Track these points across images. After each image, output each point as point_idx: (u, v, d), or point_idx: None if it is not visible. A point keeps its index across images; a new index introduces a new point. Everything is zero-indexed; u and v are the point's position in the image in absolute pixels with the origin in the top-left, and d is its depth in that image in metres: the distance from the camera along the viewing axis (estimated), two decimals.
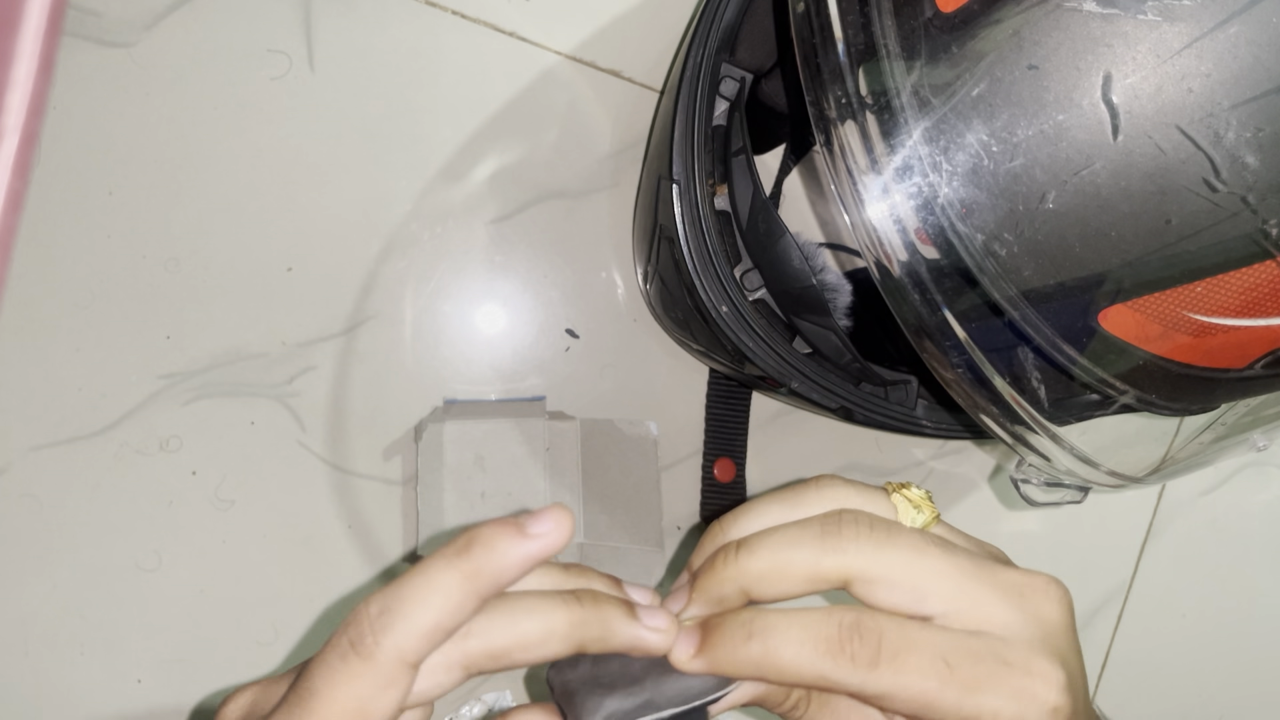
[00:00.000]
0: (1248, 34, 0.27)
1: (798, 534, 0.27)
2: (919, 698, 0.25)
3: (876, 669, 0.25)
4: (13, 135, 0.29)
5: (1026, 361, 0.33)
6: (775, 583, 0.27)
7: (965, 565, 0.27)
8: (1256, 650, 0.61)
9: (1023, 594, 0.27)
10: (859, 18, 0.31)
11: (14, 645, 0.47)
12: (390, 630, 0.24)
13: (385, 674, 0.24)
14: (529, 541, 0.25)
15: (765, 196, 0.42)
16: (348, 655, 0.24)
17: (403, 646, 0.24)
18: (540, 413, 0.48)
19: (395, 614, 0.24)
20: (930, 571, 0.26)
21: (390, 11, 0.48)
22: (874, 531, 0.27)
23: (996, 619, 0.26)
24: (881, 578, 0.26)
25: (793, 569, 0.27)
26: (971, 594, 0.26)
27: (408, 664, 0.24)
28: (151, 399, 0.48)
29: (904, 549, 0.26)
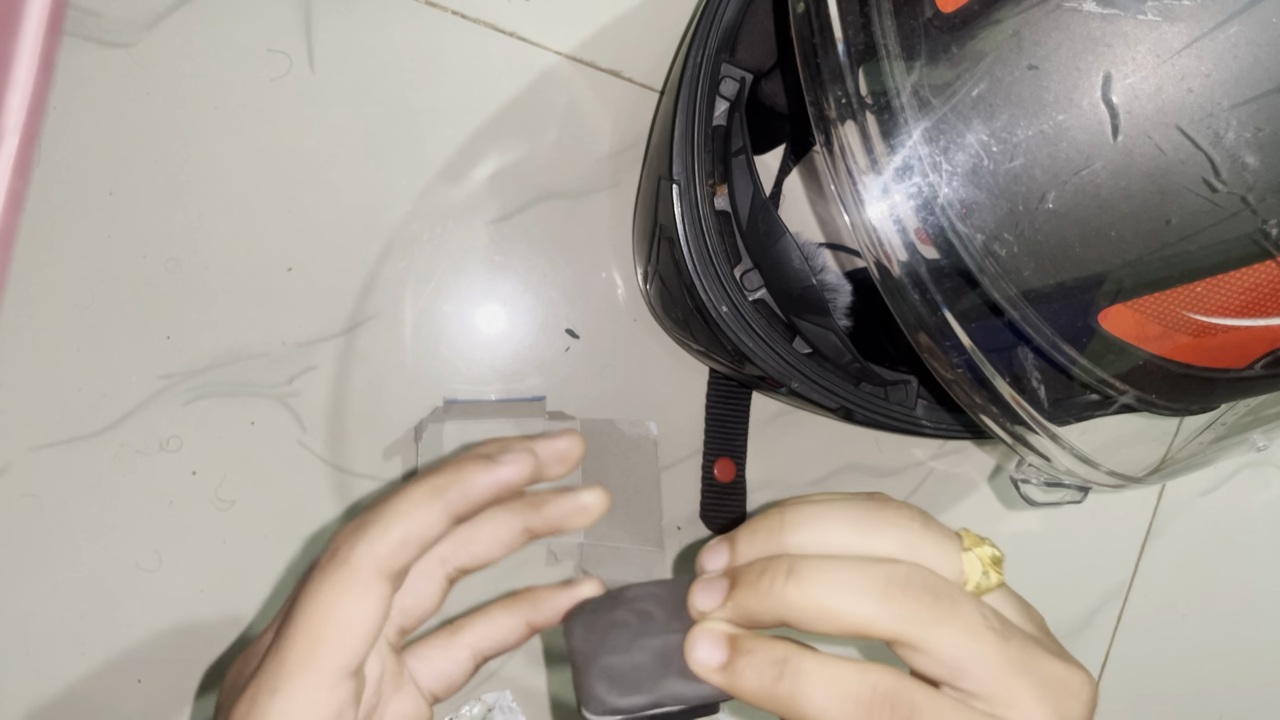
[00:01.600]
0: (1248, 34, 0.27)
1: (858, 582, 0.25)
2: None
3: None
4: (13, 135, 0.29)
5: (1026, 361, 0.33)
6: (820, 624, 0.26)
7: (1014, 656, 0.26)
8: (1256, 650, 0.61)
9: (1057, 693, 0.27)
10: (859, 18, 0.31)
11: (14, 645, 0.47)
12: (365, 539, 0.26)
13: (361, 579, 0.25)
14: (496, 468, 0.27)
15: (765, 196, 0.42)
16: (326, 566, 0.26)
17: (377, 553, 0.26)
18: (540, 413, 0.48)
19: (371, 525, 0.26)
20: (978, 658, 0.26)
21: (390, 11, 0.48)
22: (938, 603, 0.25)
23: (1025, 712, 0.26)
24: (930, 652, 0.25)
25: (843, 619, 0.25)
26: (1009, 685, 0.26)
27: (382, 571, 0.26)
28: (151, 399, 0.48)
29: (961, 631, 0.25)
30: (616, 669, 0.27)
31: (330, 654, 0.25)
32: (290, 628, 0.26)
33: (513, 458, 0.28)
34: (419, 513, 0.26)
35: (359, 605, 0.25)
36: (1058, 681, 0.26)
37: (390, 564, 0.26)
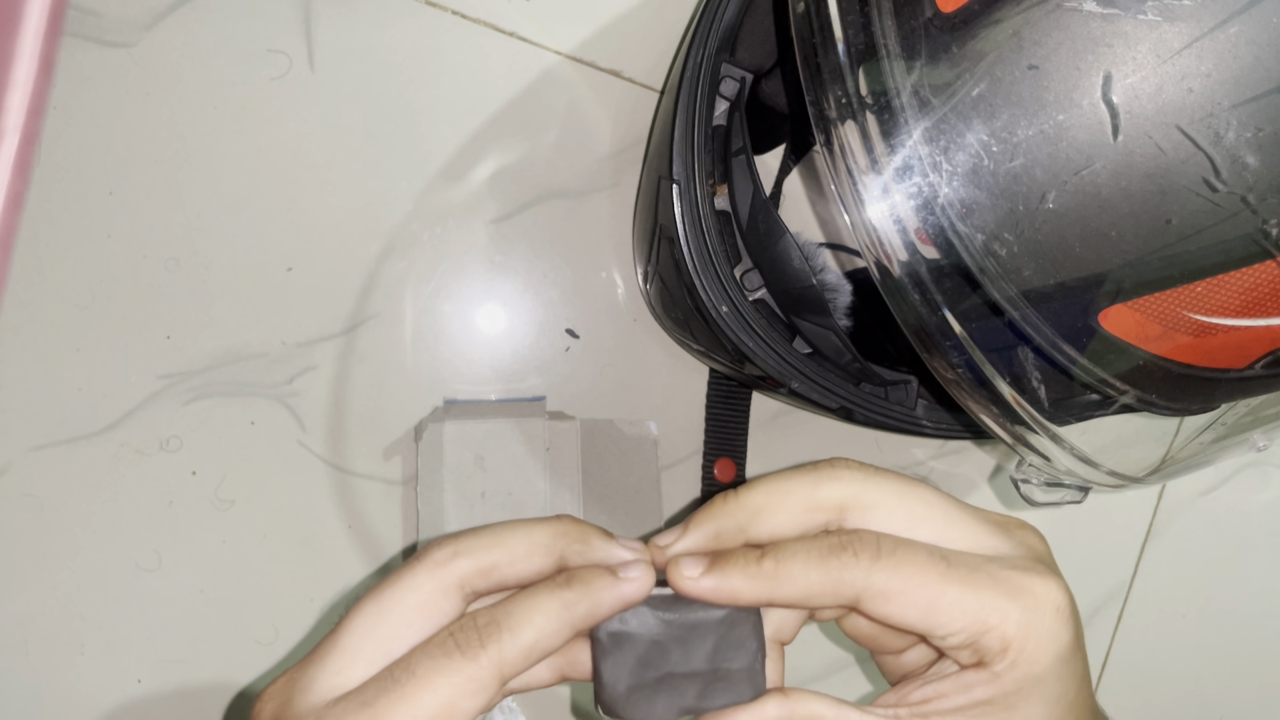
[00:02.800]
0: (1248, 34, 0.27)
1: (792, 471, 0.29)
2: (922, 591, 0.27)
3: (879, 562, 0.27)
4: (13, 135, 0.29)
5: (1026, 361, 0.33)
6: (773, 512, 0.28)
7: (953, 501, 0.29)
8: (1257, 650, 0.61)
9: (1008, 528, 0.29)
10: (859, 18, 0.31)
11: (14, 645, 0.47)
12: (496, 640, 0.26)
13: (480, 679, 0.26)
14: (621, 585, 0.28)
15: (765, 196, 0.42)
16: (452, 653, 0.26)
17: (505, 657, 0.26)
18: (540, 413, 0.48)
19: (502, 627, 0.26)
20: (920, 501, 0.28)
21: (390, 11, 0.48)
22: (865, 468, 0.28)
23: (987, 544, 0.28)
24: (876, 504, 0.28)
25: (790, 498, 0.28)
26: (961, 523, 0.28)
27: (502, 676, 0.26)
28: (151, 399, 0.48)
29: (894, 480, 0.28)
30: (643, 695, 0.28)
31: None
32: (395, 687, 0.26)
33: (638, 573, 0.28)
34: (549, 626, 0.27)
35: (469, 702, 0.26)
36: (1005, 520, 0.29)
37: (511, 671, 0.26)
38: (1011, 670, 0.27)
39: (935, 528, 0.28)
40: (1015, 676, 0.27)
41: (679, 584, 0.28)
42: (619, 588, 0.28)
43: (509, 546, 0.28)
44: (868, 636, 0.32)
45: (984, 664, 0.27)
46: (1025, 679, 0.27)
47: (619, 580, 0.28)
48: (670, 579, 0.28)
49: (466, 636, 0.26)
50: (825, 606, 0.28)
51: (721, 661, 0.28)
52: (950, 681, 0.28)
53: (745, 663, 0.28)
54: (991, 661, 0.27)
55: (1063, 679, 0.28)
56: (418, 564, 0.27)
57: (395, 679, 0.26)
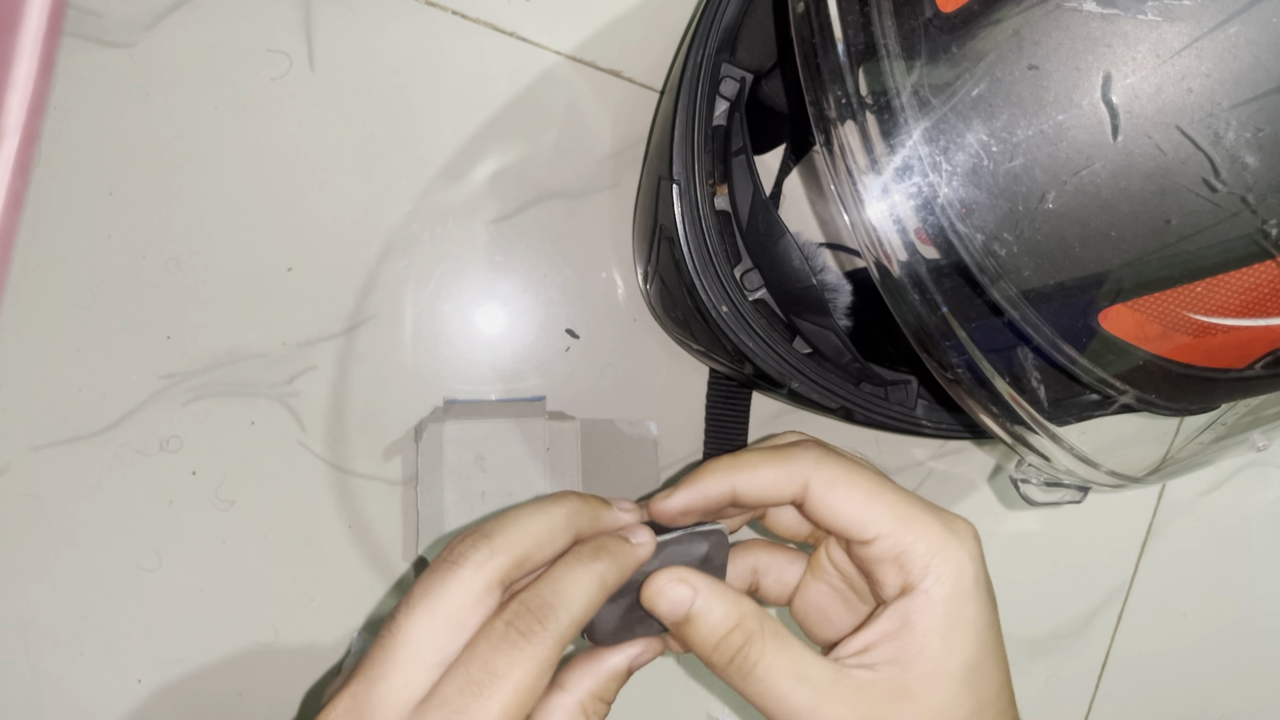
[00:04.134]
0: (1248, 34, 0.27)
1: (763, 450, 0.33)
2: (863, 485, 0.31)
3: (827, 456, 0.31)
4: (13, 135, 0.29)
5: (1026, 361, 0.33)
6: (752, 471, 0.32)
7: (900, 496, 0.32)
8: (1257, 650, 0.61)
9: (946, 524, 0.32)
10: (859, 18, 0.31)
11: (14, 645, 0.47)
12: (555, 619, 0.28)
13: (548, 658, 0.28)
14: (637, 549, 0.31)
15: (765, 196, 0.42)
16: (518, 641, 0.27)
17: (563, 634, 0.28)
18: (540, 413, 0.48)
19: (555, 606, 0.28)
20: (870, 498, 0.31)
21: (390, 11, 0.48)
22: (825, 456, 0.32)
23: (926, 540, 0.31)
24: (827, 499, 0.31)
25: (765, 466, 0.32)
26: (905, 518, 0.31)
27: (562, 651, 0.28)
28: (151, 399, 0.48)
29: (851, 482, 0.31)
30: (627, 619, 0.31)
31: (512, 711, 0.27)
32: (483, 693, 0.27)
33: (645, 537, 0.31)
34: (592, 597, 0.29)
35: (542, 683, 0.28)
36: (944, 516, 0.32)
37: (566, 644, 0.28)
38: (939, 586, 0.30)
39: (878, 522, 0.31)
40: (945, 593, 0.30)
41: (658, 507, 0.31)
42: (635, 552, 0.30)
43: (535, 535, 0.29)
44: (815, 611, 0.35)
45: (910, 585, 0.30)
46: (953, 596, 0.30)
47: (634, 545, 0.30)
48: (650, 509, 0.32)
49: (526, 623, 0.28)
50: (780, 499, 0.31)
51: None
52: (886, 620, 0.30)
53: None
54: (917, 580, 0.30)
55: (982, 607, 0.30)
56: (459, 567, 0.28)
57: (474, 680, 0.27)
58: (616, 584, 0.30)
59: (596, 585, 0.29)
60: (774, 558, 0.35)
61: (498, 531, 0.29)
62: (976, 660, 0.30)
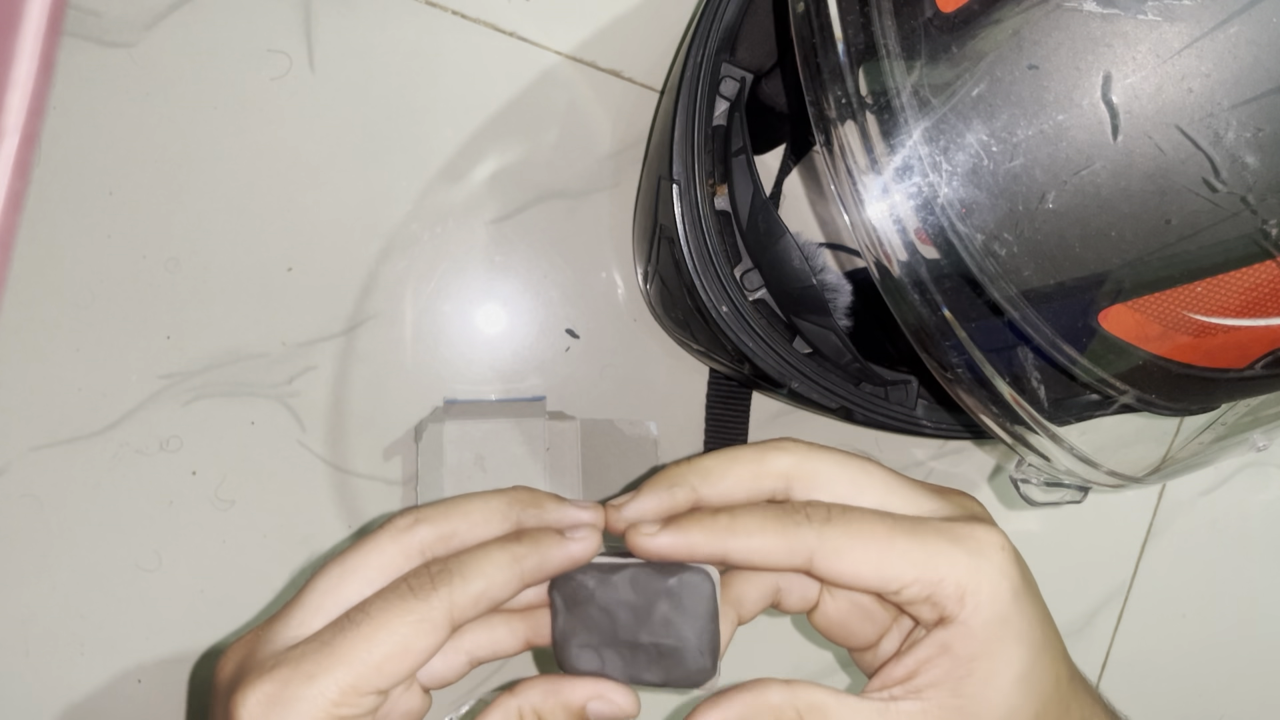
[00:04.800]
0: (1248, 34, 0.27)
1: (741, 445, 0.31)
2: (872, 544, 0.28)
3: (830, 522, 0.28)
4: (13, 135, 0.29)
5: (1026, 361, 0.33)
6: (722, 476, 0.30)
7: (891, 471, 0.30)
8: (1257, 650, 0.61)
9: (945, 494, 0.31)
10: (859, 18, 0.31)
11: (14, 645, 0.47)
12: (448, 584, 0.28)
13: (432, 619, 0.27)
14: (568, 545, 0.29)
15: (765, 196, 0.42)
16: (406, 596, 0.27)
17: (455, 600, 0.28)
18: (540, 413, 0.48)
19: (454, 573, 0.28)
20: (861, 471, 0.30)
21: (390, 11, 0.48)
22: (809, 444, 0.31)
23: (927, 507, 0.30)
24: (820, 473, 0.30)
25: (739, 464, 0.30)
26: (900, 490, 0.30)
27: (452, 617, 0.28)
28: (151, 399, 0.48)
29: (836, 453, 0.30)
30: (590, 653, 0.30)
31: (380, 671, 0.27)
32: (351, 627, 0.27)
33: (584, 534, 0.30)
34: (498, 575, 0.28)
35: (422, 642, 0.27)
36: (942, 489, 0.30)
37: (462, 615, 0.28)
38: (977, 614, 0.28)
39: (878, 494, 0.30)
40: (983, 619, 0.28)
41: (637, 543, 0.29)
42: (566, 546, 0.29)
43: (467, 514, 0.29)
44: (838, 626, 0.33)
45: (947, 618, 0.29)
46: (993, 620, 0.28)
47: (566, 540, 0.29)
48: (629, 541, 0.29)
49: (420, 581, 0.28)
50: (778, 567, 0.29)
51: (667, 637, 0.29)
52: (926, 647, 0.29)
53: (692, 642, 0.29)
54: (954, 612, 0.28)
55: (1027, 618, 0.29)
56: (381, 531, 0.29)
57: (352, 620, 0.27)
58: (537, 574, 0.29)
59: (505, 564, 0.28)
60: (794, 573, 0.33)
61: (431, 505, 0.30)
62: (1028, 667, 0.29)
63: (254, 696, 0.26)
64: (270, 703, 0.26)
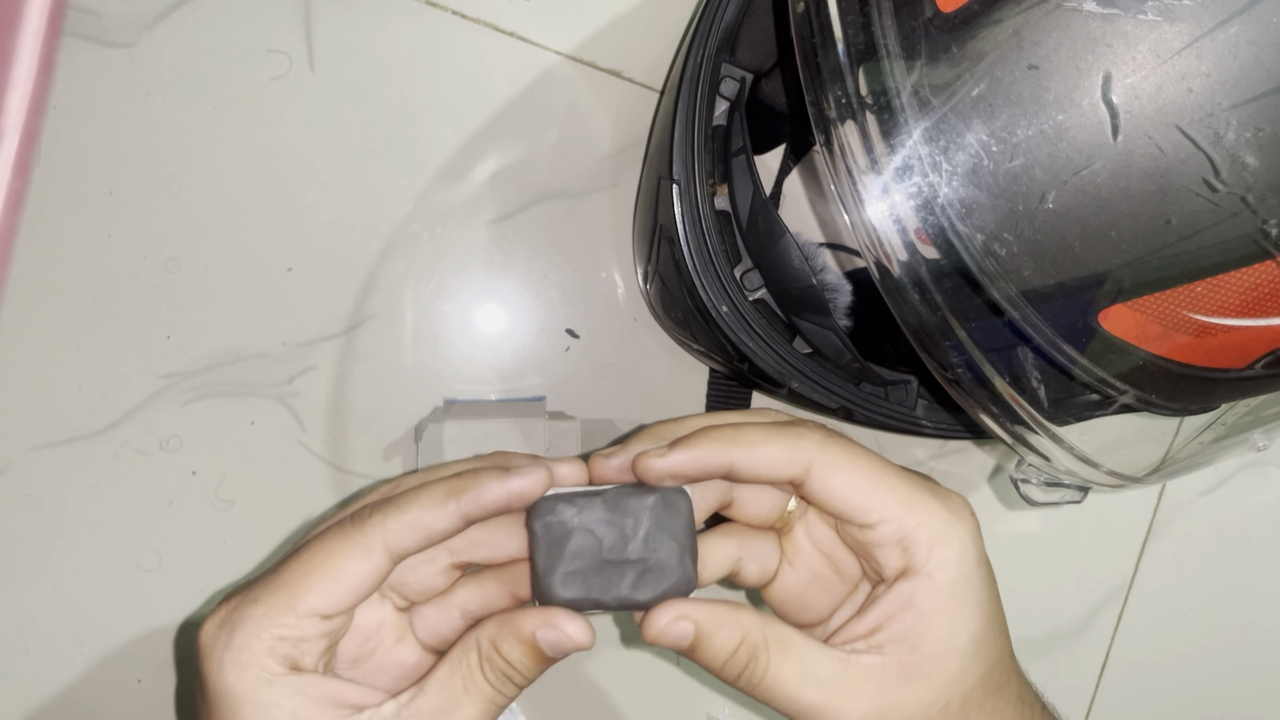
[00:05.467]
0: (1248, 34, 0.27)
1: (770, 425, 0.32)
2: (867, 470, 0.30)
3: (830, 439, 0.31)
4: (13, 135, 0.29)
5: (1026, 361, 0.33)
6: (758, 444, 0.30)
7: (904, 480, 0.31)
8: (1257, 650, 0.61)
9: (950, 507, 0.32)
10: (859, 18, 0.31)
11: (14, 645, 0.47)
12: (383, 512, 0.29)
13: (366, 544, 0.29)
14: (510, 480, 0.30)
15: (765, 196, 0.42)
16: (345, 524, 0.29)
17: (387, 529, 0.29)
18: (540, 413, 0.48)
19: (390, 503, 0.29)
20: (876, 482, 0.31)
21: (390, 11, 0.48)
22: (828, 432, 0.32)
23: (930, 526, 0.31)
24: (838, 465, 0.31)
25: (773, 446, 0.30)
26: (909, 503, 0.31)
27: (387, 547, 0.29)
28: (151, 399, 0.48)
29: (850, 446, 0.31)
30: (576, 579, 0.30)
31: (313, 591, 0.28)
32: (292, 559, 0.29)
33: (528, 470, 0.30)
34: (434, 508, 0.29)
35: (354, 565, 0.29)
36: (947, 498, 0.31)
37: (395, 543, 0.29)
38: (944, 569, 0.30)
39: (882, 507, 0.31)
40: (949, 576, 0.30)
41: (648, 464, 0.30)
42: (507, 480, 0.30)
43: (436, 476, 0.31)
44: (794, 598, 0.34)
45: (912, 568, 0.30)
46: (958, 579, 0.30)
47: (509, 474, 0.30)
48: (638, 467, 0.30)
49: (360, 512, 0.30)
50: (779, 478, 0.30)
51: (653, 551, 0.30)
52: (889, 601, 0.30)
53: (675, 552, 0.30)
54: (920, 563, 0.30)
55: (985, 582, 0.31)
56: (361, 498, 0.32)
57: (298, 550, 0.30)
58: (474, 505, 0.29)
59: (441, 494, 0.29)
60: (756, 542, 0.34)
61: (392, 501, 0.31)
62: (981, 631, 0.30)
63: (211, 620, 0.29)
64: (221, 624, 0.29)
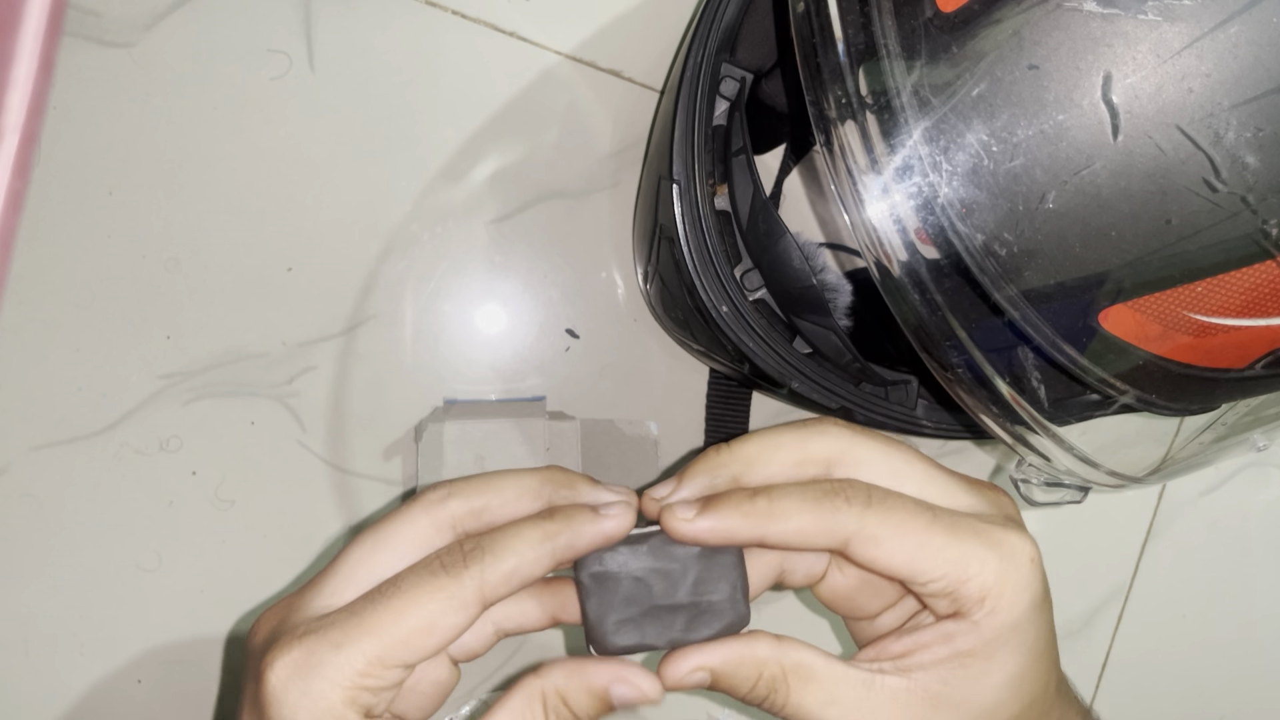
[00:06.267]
0: (1248, 34, 0.27)
1: (782, 427, 0.31)
2: (910, 536, 0.28)
3: (870, 507, 0.28)
4: (13, 135, 0.29)
5: (1026, 361, 0.33)
6: (765, 463, 0.30)
7: (931, 461, 0.30)
8: (1257, 650, 0.61)
9: (980, 488, 0.31)
10: (859, 18, 0.31)
11: (14, 645, 0.47)
12: (480, 563, 0.28)
13: (462, 597, 0.27)
14: (602, 522, 0.29)
15: (765, 196, 0.42)
16: (438, 572, 0.27)
17: (486, 579, 0.27)
18: (540, 413, 0.48)
19: (486, 551, 0.28)
20: (902, 459, 0.30)
21: (390, 11, 0.48)
22: (852, 426, 0.30)
23: (963, 501, 0.30)
24: (862, 460, 0.30)
25: (782, 450, 0.30)
26: (939, 481, 0.30)
27: (483, 596, 0.27)
28: (151, 399, 0.48)
29: (879, 438, 0.30)
30: (629, 627, 0.30)
31: (405, 646, 0.27)
32: (380, 602, 0.27)
33: (618, 512, 0.29)
34: (530, 553, 0.28)
35: (451, 619, 0.27)
36: (979, 484, 0.30)
37: (493, 593, 0.28)
38: (990, 619, 0.29)
39: (916, 484, 0.30)
40: (994, 624, 0.29)
41: (675, 528, 0.29)
42: (599, 523, 0.29)
43: (500, 490, 0.29)
44: (843, 599, 0.33)
45: (961, 614, 0.29)
46: (1003, 627, 0.29)
47: (599, 516, 0.29)
48: (665, 524, 0.29)
49: (452, 559, 0.28)
50: (814, 548, 0.29)
51: (704, 594, 0.30)
52: (929, 632, 0.29)
53: (727, 593, 0.30)
54: (970, 611, 0.29)
55: (1036, 627, 0.29)
56: (414, 504, 0.29)
57: (383, 593, 0.27)
58: (568, 550, 0.29)
59: (537, 541, 0.28)
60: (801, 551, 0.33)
61: (464, 480, 0.30)
62: (1022, 671, 0.29)
63: (282, 661, 0.27)
64: (297, 667, 0.27)
